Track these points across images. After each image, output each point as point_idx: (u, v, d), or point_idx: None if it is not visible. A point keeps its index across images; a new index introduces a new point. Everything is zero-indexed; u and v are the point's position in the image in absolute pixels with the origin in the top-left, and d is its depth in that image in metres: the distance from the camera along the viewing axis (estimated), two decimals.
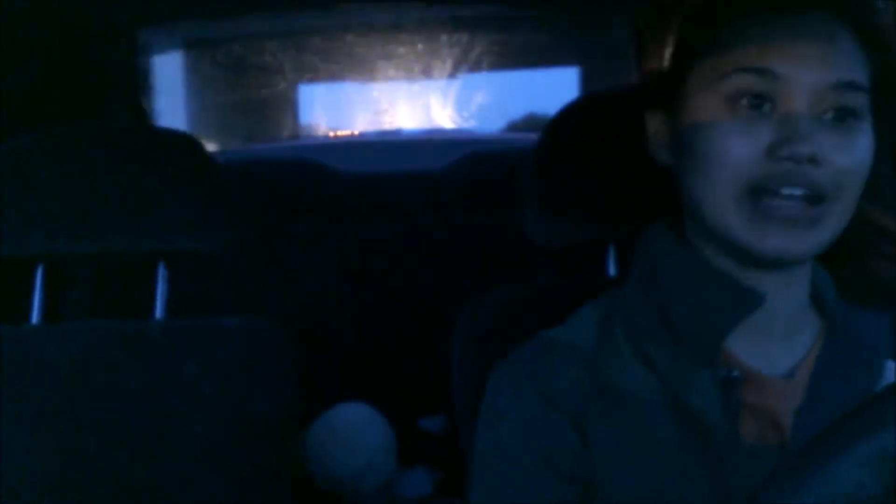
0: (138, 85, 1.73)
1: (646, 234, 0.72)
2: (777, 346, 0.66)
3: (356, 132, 2.77)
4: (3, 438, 0.92)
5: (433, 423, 1.77)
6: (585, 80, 2.55)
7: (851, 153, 0.60)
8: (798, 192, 0.59)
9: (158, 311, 1.01)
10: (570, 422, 0.65)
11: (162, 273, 1.01)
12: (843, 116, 0.60)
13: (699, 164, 0.63)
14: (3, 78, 1.25)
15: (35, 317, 1.00)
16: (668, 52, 0.69)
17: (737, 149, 0.60)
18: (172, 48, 2.31)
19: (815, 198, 0.59)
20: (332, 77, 2.67)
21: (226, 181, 1.00)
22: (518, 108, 2.63)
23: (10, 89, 1.27)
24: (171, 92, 2.42)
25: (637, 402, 0.65)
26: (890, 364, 0.65)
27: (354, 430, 1.60)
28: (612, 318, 0.70)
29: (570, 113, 0.91)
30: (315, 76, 2.65)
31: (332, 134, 2.79)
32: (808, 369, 0.65)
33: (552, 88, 2.61)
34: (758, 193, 0.60)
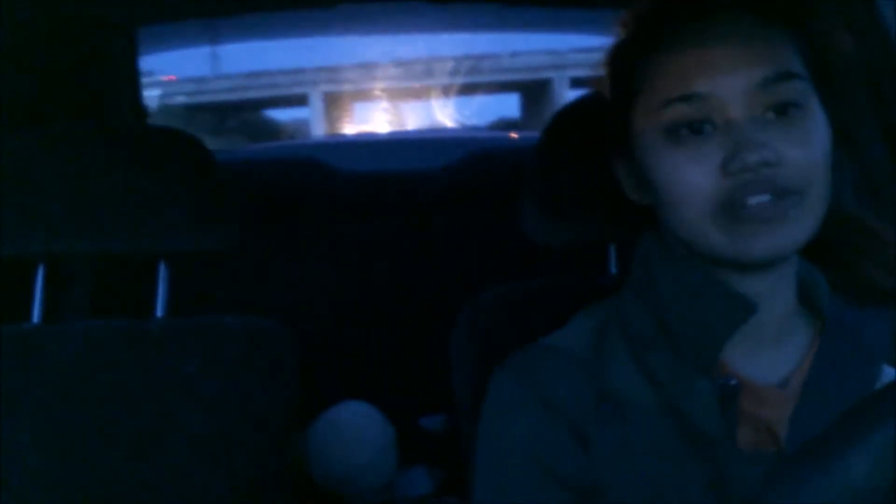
0: (138, 85, 1.73)
1: (641, 241, 0.72)
2: (769, 351, 0.66)
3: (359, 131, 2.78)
4: (3, 438, 0.92)
5: (433, 421, 1.77)
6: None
7: (804, 143, 0.60)
8: (765, 197, 0.59)
9: (159, 311, 1.01)
10: (569, 428, 0.65)
11: (162, 273, 1.01)
12: (784, 110, 0.60)
13: (665, 199, 0.63)
14: (3, 78, 1.25)
15: (35, 316, 1.00)
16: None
17: (691, 177, 0.60)
18: None
19: (782, 194, 0.59)
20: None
21: (226, 181, 1.00)
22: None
23: (10, 89, 1.27)
24: None
25: (635, 410, 0.65)
26: (888, 370, 0.64)
27: (355, 429, 1.60)
28: (609, 326, 0.70)
29: (570, 112, 0.91)
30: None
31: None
32: (803, 375, 0.65)
33: None
34: (729, 209, 0.60)
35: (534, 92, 3.71)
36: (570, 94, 3.49)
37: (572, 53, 3.70)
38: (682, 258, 0.67)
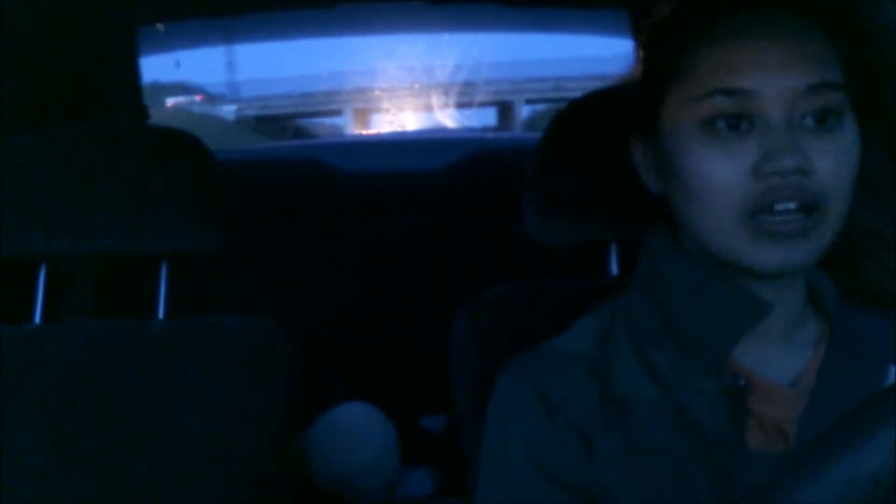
0: (138, 85, 1.73)
1: (646, 238, 0.71)
2: (778, 351, 0.65)
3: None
4: (3, 438, 0.92)
5: (434, 421, 1.77)
6: None
7: (837, 155, 0.59)
8: (792, 205, 0.58)
9: (159, 311, 1.01)
10: (573, 432, 0.65)
11: (163, 273, 1.01)
12: (823, 118, 0.59)
13: (689, 192, 0.62)
14: (3, 78, 1.25)
15: (37, 316, 1.00)
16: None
17: (722, 173, 0.60)
18: None
19: (810, 207, 0.58)
20: None
21: (226, 181, 1.00)
22: None
23: (10, 89, 1.27)
24: None
25: (641, 411, 0.64)
26: (893, 368, 0.64)
27: (355, 430, 1.60)
28: (615, 327, 0.69)
29: (571, 112, 0.91)
30: None
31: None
32: (812, 375, 0.64)
33: None
34: (753, 213, 0.59)
35: (503, 107, 6.17)
36: (526, 108, 6.05)
37: (525, 82, 6.11)
38: (691, 254, 0.66)
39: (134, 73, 1.70)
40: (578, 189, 0.87)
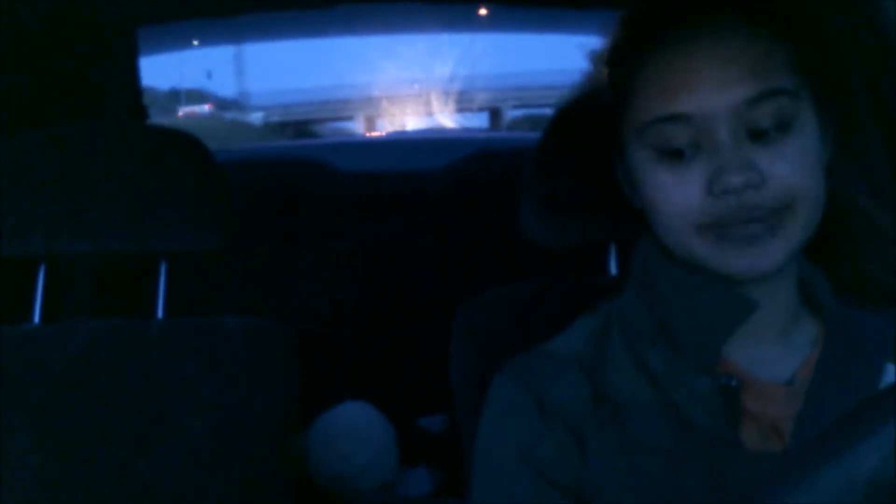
0: (138, 85, 1.73)
1: (640, 242, 0.72)
2: (774, 350, 0.66)
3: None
4: (3, 438, 0.92)
5: (433, 422, 1.77)
6: None
7: (791, 160, 0.59)
8: (751, 224, 0.59)
9: (159, 311, 1.01)
10: (568, 432, 0.65)
11: (162, 272, 1.01)
12: (771, 127, 0.59)
13: (652, 210, 0.64)
14: (3, 78, 1.25)
15: (36, 316, 1.00)
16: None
17: (677, 198, 0.61)
18: None
19: (771, 214, 0.59)
20: None
21: (226, 181, 1.00)
22: None
23: (10, 89, 1.27)
24: None
25: (636, 411, 0.65)
26: (889, 367, 0.64)
27: (355, 430, 1.60)
28: (610, 327, 0.70)
29: (570, 112, 0.91)
30: None
31: None
32: (807, 374, 0.65)
33: None
34: (712, 228, 0.60)
35: (494, 112, 7.44)
36: (512, 112, 7.42)
37: (510, 90, 7.50)
38: (679, 258, 0.67)
39: (134, 73, 1.70)
40: (577, 189, 0.87)
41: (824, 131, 0.63)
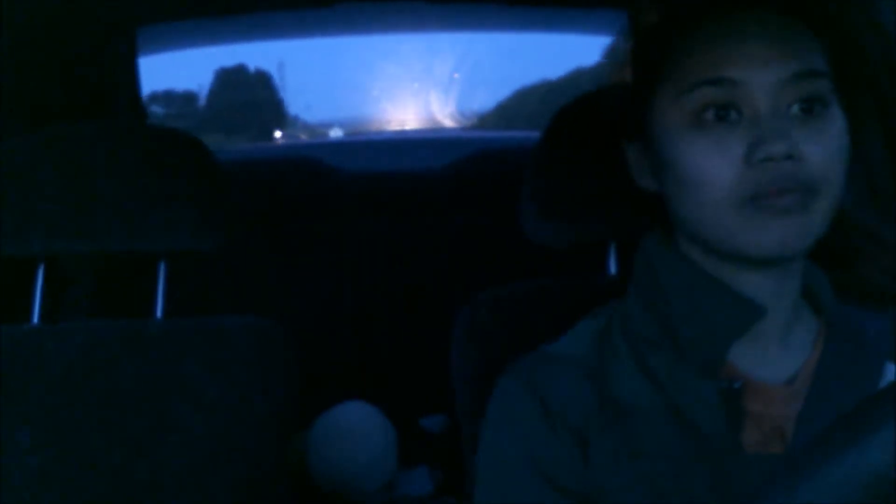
0: (138, 85, 1.73)
1: (643, 242, 0.71)
2: (775, 351, 0.66)
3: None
4: (3, 438, 0.92)
5: (434, 422, 1.77)
6: None
7: (827, 142, 0.60)
8: (789, 185, 0.59)
9: (158, 311, 1.01)
10: (571, 435, 0.65)
11: (162, 273, 1.01)
12: (810, 106, 0.60)
13: (683, 185, 0.63)
14: (3, 78, 1.25)
15: (35, 316, 1.00)
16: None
17: (713, 164, 0.60)
18: None
19: (805, 190, 0.59)
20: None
21: (226, 181, 1.00)
22: None
23: (10, 89, 1.27)
24: None
25: (638, 414, 0.64)
26: (890, 366, 0.64)
27: (355, 430, 1.60)
28: (612, 330, 0.70)
29: (570, 112, 0.91)
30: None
31: None
32: (808, 374, 0.65)
33: None
34: (748, 200, 0.59)
35: None
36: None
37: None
38: (686, 257, 0.66)
39: (134, 73, 1.70)
40: (577, 189, 0.87)
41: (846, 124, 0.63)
